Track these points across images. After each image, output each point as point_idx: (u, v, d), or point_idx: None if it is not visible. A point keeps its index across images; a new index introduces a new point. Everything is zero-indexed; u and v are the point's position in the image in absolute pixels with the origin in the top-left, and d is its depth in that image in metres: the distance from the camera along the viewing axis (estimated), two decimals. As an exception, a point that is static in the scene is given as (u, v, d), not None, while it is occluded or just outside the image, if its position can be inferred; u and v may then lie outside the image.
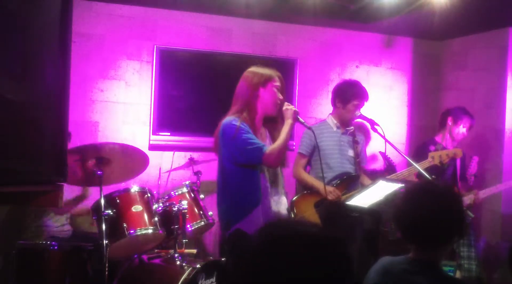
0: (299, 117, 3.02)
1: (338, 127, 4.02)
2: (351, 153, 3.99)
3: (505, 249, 4.87)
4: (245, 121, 2.93)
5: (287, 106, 3.02)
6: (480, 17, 4.67)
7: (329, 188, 3.82)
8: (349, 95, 3.95)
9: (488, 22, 4.85)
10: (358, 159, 4.00)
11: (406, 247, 2.05)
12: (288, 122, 2.99)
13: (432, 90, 5.65)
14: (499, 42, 4.99)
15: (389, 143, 3.60)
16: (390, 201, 3.44)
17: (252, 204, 2.89)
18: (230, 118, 2.96)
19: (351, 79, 4.24)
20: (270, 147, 2.93)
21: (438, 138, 4.50)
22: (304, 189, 4.01)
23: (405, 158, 3.77)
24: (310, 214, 3.88)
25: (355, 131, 4.08)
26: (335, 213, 3.82)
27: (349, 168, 3.97)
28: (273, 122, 3.12)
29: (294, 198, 3.99)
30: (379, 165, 5.13)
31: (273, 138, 3.08)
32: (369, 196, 3.69)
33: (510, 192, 4.74)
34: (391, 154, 4.51)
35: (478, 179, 4.68)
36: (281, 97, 3.05)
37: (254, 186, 2.92)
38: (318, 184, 3.88)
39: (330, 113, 4.11)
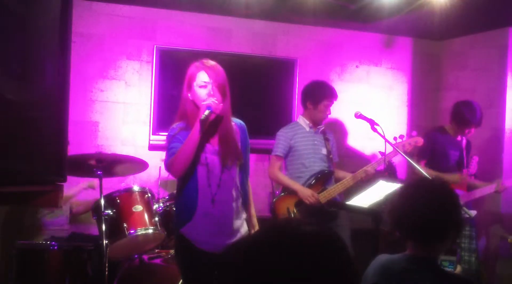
0: (206, 111, 2.60)
1: (310, 127, 4.11)
2: (324, 151, 4.09)
3: (505, 249, 4.88)
4: (188, 127, 2.70)
5: (206, 100, 2.66)
6: (480, 17, 4.67)
7: (307, 192, 3.89)
8: (319, 96, 4.06)
9: (488, 22, 4.85)
10: (331, 155, 4.10)
11: (406, 246, 2.05)
12: (197, 120, 2.63)
13: (432, 90, 5.65)
14: (499, 42, 4.99)
15: (389, 143, 3.60)
16: (390, 200, 3.45)
17: (189, 214, 2.72)
18: (172, 126, 2.78)
19: (319, 80, 4.35)
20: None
21: (446, 128, 4.51)
22: (283, 190, 4.08)
23: (405, 157, 3.77)
24: (291, 214, 3.91)
25: (325, 129, 4.19)
26: (316, 210, 3.86)
27: (323, 165, 4.06)
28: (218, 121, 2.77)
29: (274, 199, 4.06)
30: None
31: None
32: (369, 196, 3.70)
33: (510, 192, 4.74)
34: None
35: (478, 178, 4.68)
36: (210, 93, 2.68)
37: (192, 196, 2.72)
38: (297, 187, 3.95)
39: (301, 114, 4.20)
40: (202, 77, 2.72)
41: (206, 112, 2.61)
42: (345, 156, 4.58)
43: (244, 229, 2.87)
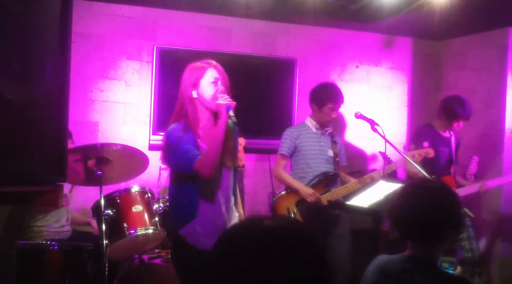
0: (230, 111, 2.65)
1: (317, 129, 4.12)
2: (330, 153, 4.09)
3: (505, 249, 4.88)
4: (190, 128, 2.69)
5: (221, 99, 2.68)
6: (480, 17, 4.67)
7: (309, 191, 3.89)
8: (324, 98, 4.05)
9: (488, 22, 4.85)
10: (337, 158, 4.10)
11: (406, 246, 2.05)
12: (220, 119, 2.65)
13: (432, 90, 5.65)
14: (499, 42, 4.99)
15: (389, 143, 3.60)
16: (389, 200, 3.46)
17: (190, 214, 2.70)
18: (172, 127, 2.72)
19: (328, 82, 4.36)
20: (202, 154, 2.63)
21: (434, 125, 4.52)
22: (285, 188, 4.09)
23: (405, 157, 3.77)
24: (291, 213, 3.92)
25: (333, 132, 4.20)
26: (317, 211, 3.86)
27: (329, 167, 4.06)
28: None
29: (276, 197, 4.06)
30: (379, 165, 5.12)
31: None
32: (369, 196, 3.70)
33: (510, 192, 4.74)
34: (391, 154, 4.51)
35: (478, 178, 4.68)
36: (220, 89, 2.72)
37: (192, 196, 2.70)
38: (299, 186, 3.95)
39: (309, 115, 4.20)
40: (212, 74, 2.74)
41: (231, 112, 2.63)
42: (345, 156, 4.58)
43: None
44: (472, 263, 4.26)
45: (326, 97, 4.04)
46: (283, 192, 4.06)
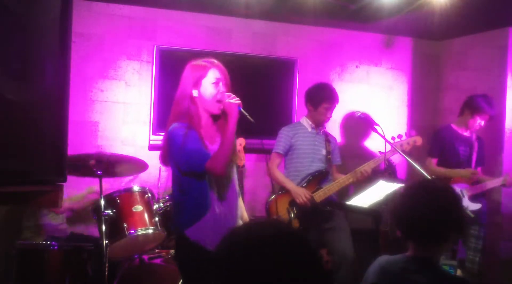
0: (242, 110, 2.69)
1: (312, 128, 4.18)
2: (323, 151, 4.15)
3: (505, 249, 4.88)
4: (192, 127, 2.66)
5: (229, 99, 2.69)
6: (480, 17, 4.67)
7: (299, 191, 3.93)
8: (319, 98, 4.11)
9: (488, 22, 4.85)
10: (329, 156, 4.16)
11: (406, 246, 2.05)
12: (231, 119, 2.66)
13: (432, 90, 5.65)
14: (499, 42, 4.99)
15: (389, 143, 3.60)
16: (390, 200, 3.46)
17: (199, 213, 2.66)
18: (176, 126, 2.69)
19: (322, 83, 4.40)
20: (214, 153, 2.63)
21: (454, 125, 4.52)
22: (279, 188, 4.12)
23: (405, 157, 3.77)
24: (286, 213, 3.92)
25: (327, 130, 4.26)
26: (311, 209, 3.90)
27: (321, 166, 4.11)
28: (221, 118, 2.78)
29: (269, 199, 4.09)
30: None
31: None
32: (369, 196, 3.70)
33: (510, 192, 4.74)
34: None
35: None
36: (221, 90, 2.72)
37: (202, 195, 2.67)
38: (290, 185, 4.00)
39: (305, 115, 4.26)
40: (215, 74, 2.73)
41: (245, 112, 2.69)
42: (345, 156, 4.58)
43: None
44: (469, 274, 4.26)
45: (321, 97, 4.10)
46: (272, 196, 4.08)
